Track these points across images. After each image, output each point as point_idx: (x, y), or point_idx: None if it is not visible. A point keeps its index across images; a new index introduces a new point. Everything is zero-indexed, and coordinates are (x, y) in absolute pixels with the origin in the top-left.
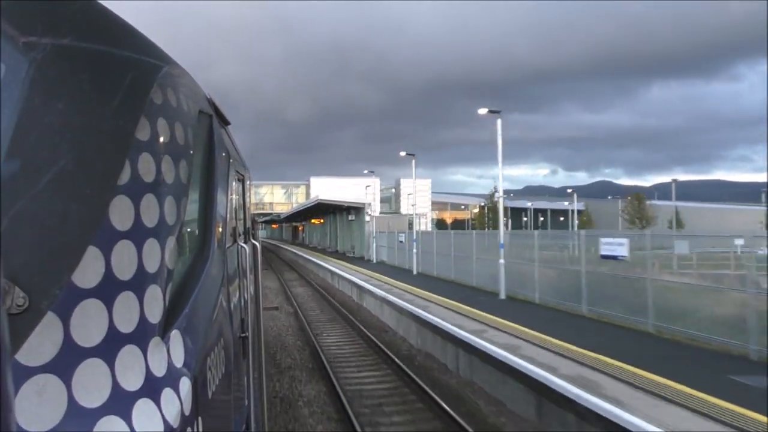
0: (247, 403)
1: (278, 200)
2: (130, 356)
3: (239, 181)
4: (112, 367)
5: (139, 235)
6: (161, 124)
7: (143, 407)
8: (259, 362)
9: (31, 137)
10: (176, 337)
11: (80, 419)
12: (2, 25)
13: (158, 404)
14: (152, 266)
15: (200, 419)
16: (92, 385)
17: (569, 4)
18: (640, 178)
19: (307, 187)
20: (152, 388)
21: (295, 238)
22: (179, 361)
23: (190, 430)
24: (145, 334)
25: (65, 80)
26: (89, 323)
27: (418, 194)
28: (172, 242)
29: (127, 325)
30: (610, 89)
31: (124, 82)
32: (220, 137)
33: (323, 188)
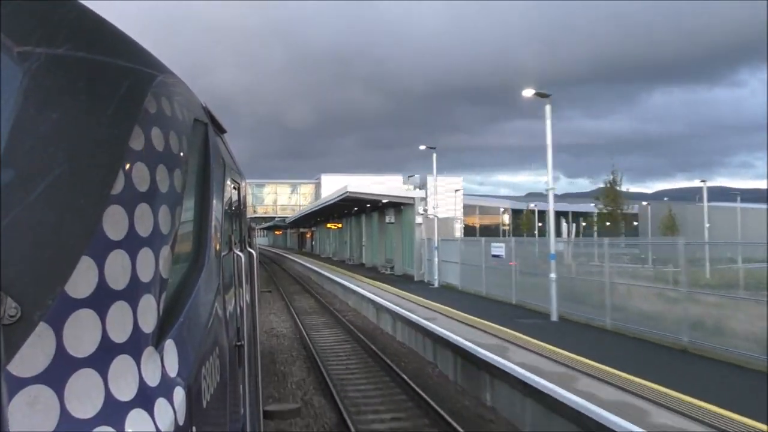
0: (242, 412)
1: (282, 202)
2: (123, 366)
3: (235, 189)
4: (105, 377)
5: (133, 244)
6: (155, 133)
7: (136, 417)
8: (255, 371)
9: (25, 147)
10: (170, 346)
11: (73, 430)
12: None
13: (152, 414)
14: (146, 276)
15: (194, 429)
16: (85, 395)
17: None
18: (641, 184)
19: (316, 186)
20: (146, 398)
21: (301, 245)
22: (173, 370)
23: None
24: (138, 343)
25: (60, 90)
26: (82, 333)
27: (449, 195)
28: (166, 251)
29: (120, 335)
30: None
31: (118, 91)
32: (215, 145)
33: (337, 187)
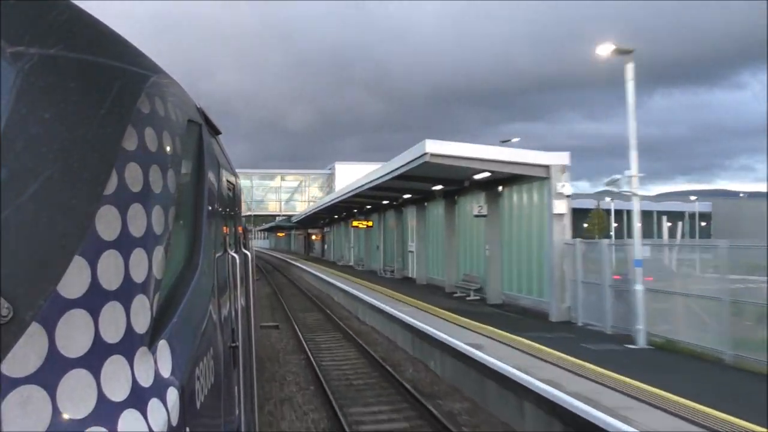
0: (237, 413)
1: (286, 198)
2: (116, 367)
3: (229, 189)
4: (97, 377)
5: (126, 244)
6: (149, 133)
7: (129, 418)
8: (250, 372)
9: (17, 146)
10: (164, 347)
11: (65, 430)
12: None
13: (145, 415)
14: (139, 276)
15: (188, 430)
16: (77, 396)
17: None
18: (641, 188)
19: (329, 178)
20: (139, 398)
21: (309, 249)
22: (166, 371)
23: None
24: (131, 344)
25: (52, 90)
26: (75, 334)
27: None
28: (160, 252)
29: (113, 335)
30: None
31: (111, 91)
32: (210, 146)
33: (353, 176)
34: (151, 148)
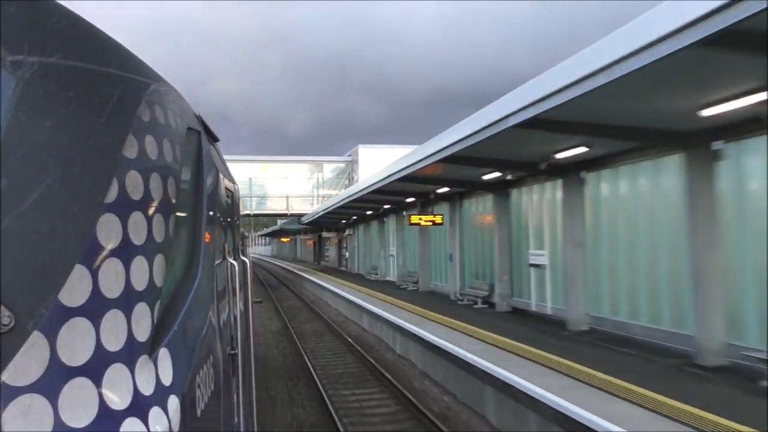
0: (236, 420)
1: (292, 192)
2: (117, 375)
3: (228, 197)
4: (99, 386)
5: (126, 252)
6: (149, 141)
7: (131, 426)
8: (249, 380)
9: (17, 155)
10: (164, 355)
11: None
12: None
13: (146, 423)
14: (140, 284)
15: None
16: (79, 404)
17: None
18: None
19: (350, 165)
20: (140, 406)
21: (319, 257)
22: (167, 379)
23: None
24: (132, 352)
25: (52, 98)
26: (76, 342)
27: None
28: (160, 259)
29: (114, 343)
30: None
31: (111, 99)
32: (208, 153)
33: (381, 163)
34: (151, 155)
